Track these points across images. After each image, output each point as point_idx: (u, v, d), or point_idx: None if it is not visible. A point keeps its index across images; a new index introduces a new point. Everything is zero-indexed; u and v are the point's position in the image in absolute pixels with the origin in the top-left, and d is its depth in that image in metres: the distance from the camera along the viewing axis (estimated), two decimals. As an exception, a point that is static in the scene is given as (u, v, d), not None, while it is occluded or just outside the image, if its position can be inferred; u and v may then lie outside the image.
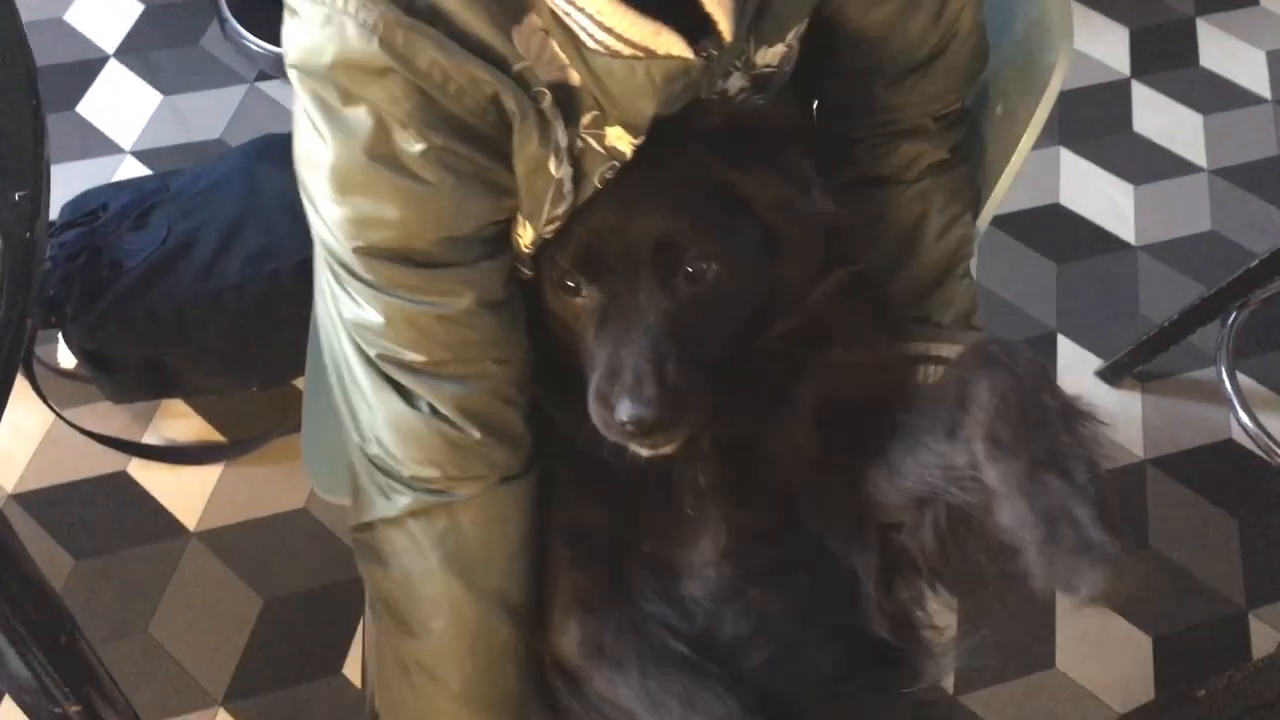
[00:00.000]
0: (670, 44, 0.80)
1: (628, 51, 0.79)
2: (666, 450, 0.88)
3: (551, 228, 0.89)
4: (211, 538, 2.01)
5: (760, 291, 0.91)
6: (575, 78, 0.83)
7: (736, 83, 0.94)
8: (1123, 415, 2.26)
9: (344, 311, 0.93)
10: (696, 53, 0.82)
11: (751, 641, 0.93)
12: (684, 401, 0.83)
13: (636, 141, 0.86)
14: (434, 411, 0.91)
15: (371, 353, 0.93)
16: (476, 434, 0.92)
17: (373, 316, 0.90)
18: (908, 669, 0.97)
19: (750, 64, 0.93)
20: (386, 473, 0.96)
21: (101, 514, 2.02)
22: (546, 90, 0.82)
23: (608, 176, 0.88)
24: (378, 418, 0.94)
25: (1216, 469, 2.21)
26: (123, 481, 2.05)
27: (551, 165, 0.84)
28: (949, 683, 1.94)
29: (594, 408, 0.86)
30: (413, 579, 0.98)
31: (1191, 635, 2.03)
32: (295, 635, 1.94)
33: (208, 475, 2.06)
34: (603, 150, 0.86)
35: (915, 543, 0.90)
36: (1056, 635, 2.02)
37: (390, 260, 0.87)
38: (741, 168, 0.89)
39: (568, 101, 0.84)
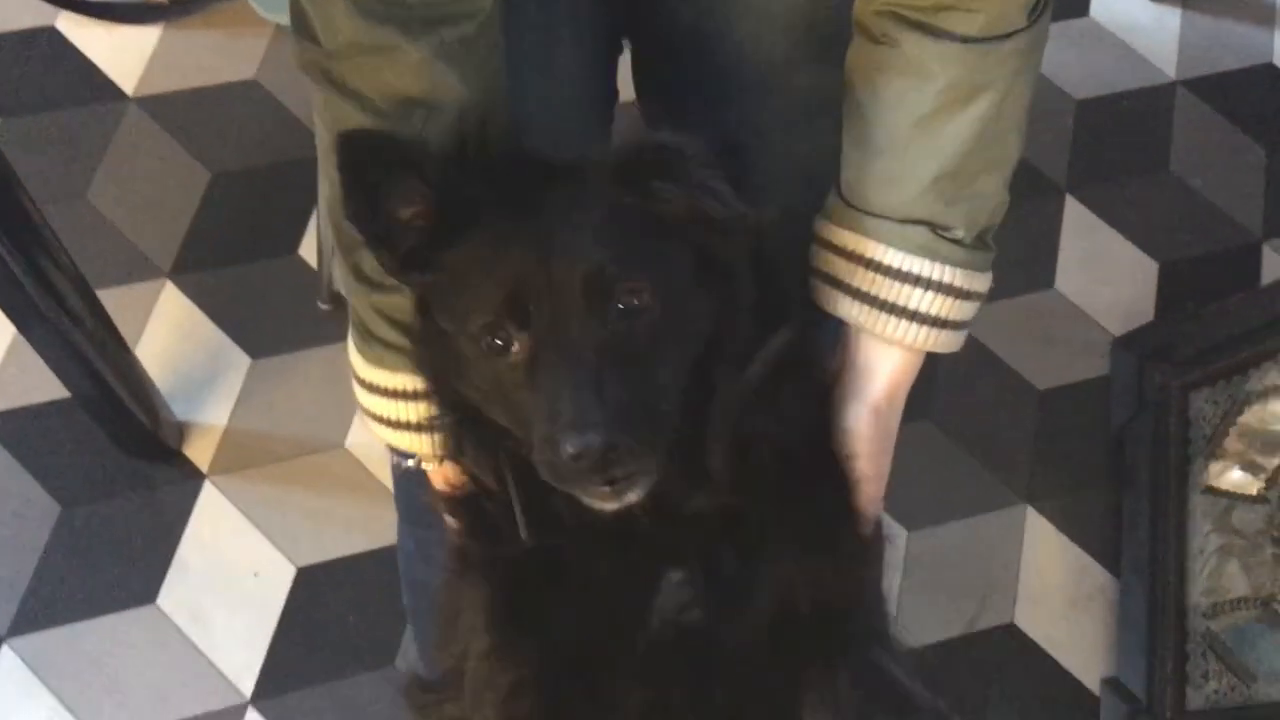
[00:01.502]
0: None
1: None
2: (632, 498, 0.78)
3: None
4: (153, 104, 1.84)
5: (701, 322, 0.82)
6: None
7: None
8: (1159, 31, 2.07)
9: None
10: None
11: None
12: (636, 424, 0.75)
13: None
14: None
15: None
16: None
17: None
18: None
19: None
20: None
21: (29, 72, 1.83)
22: None
23: None
24: None
25: (1251, 94, 2.04)
26: (52, 38, 1.85)
27: None
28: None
29: (542, 459, 0.76)
30: None
31: (1200, 262, 1.92)
32: (246, 213, 1.80)
33: (146, 37, 1.87)
34: None
35: None
36: (1059, 255, 1.91)
37: None
38: (648, 191, 0.80)
39: None
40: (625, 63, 1.11)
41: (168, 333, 1.73)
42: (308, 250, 1.78)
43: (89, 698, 1.54)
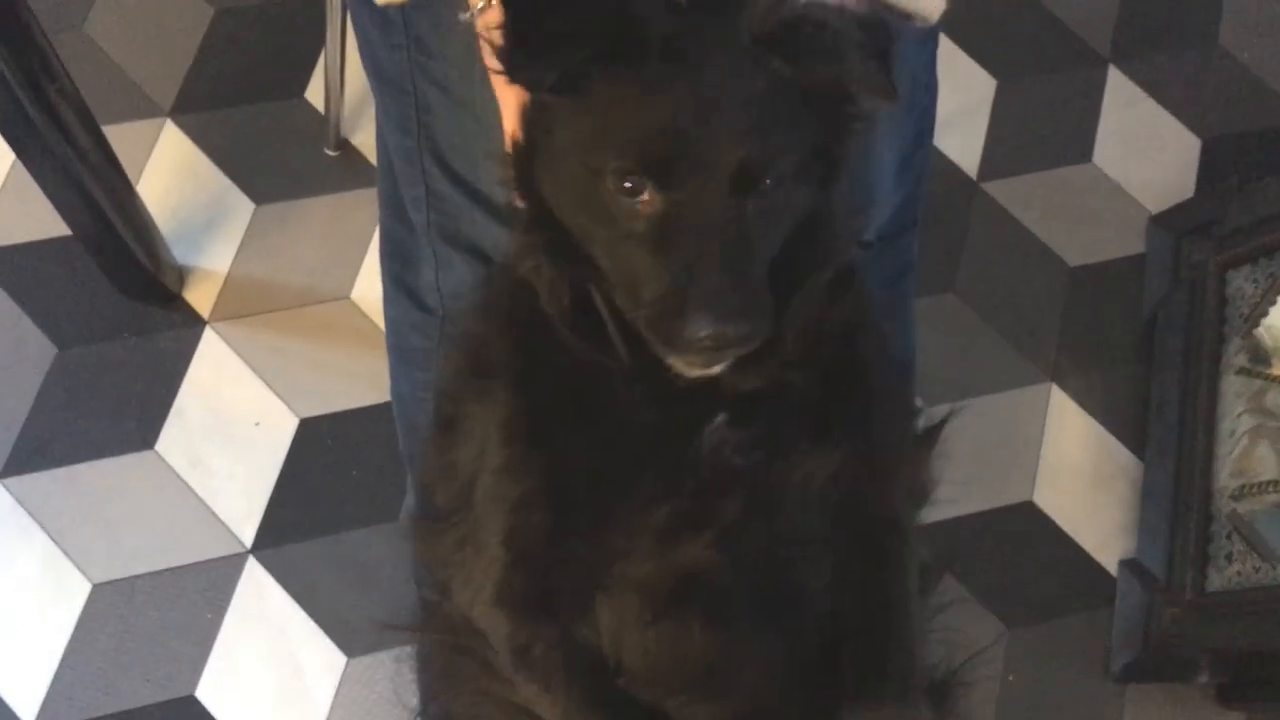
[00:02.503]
0: None
1: None
2: (720, 367, 0.78)
3: None
4: (154, -67, 1.74)
5: (804, 206, 0.80)
6: None
7: None
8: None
9: None
10: None
11: None
12: (762, 312, 0.74)
13: None
14: None
15: None
16: None
17: None
18: None
19: None
20: None
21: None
22: None
23: None
24: None
25: (1309, -34, 1.94)
26: None
27: None
28: (973, 170, 1.77)
29: (649, 316, 0.75)
30: None
31: (1245, 139, 1.84)
32: (251, 51, 1.72)
33: None
34: None
35: None
36: (1099, 128, 1.83)
37: None
38: (801, 64, 0.76)
39: None
40: None
41: (168, 174, 1.66)
42: (314, 94, 1.71)
43: (85, 541, 1.50)
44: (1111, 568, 1.63)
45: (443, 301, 1.03)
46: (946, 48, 1.72)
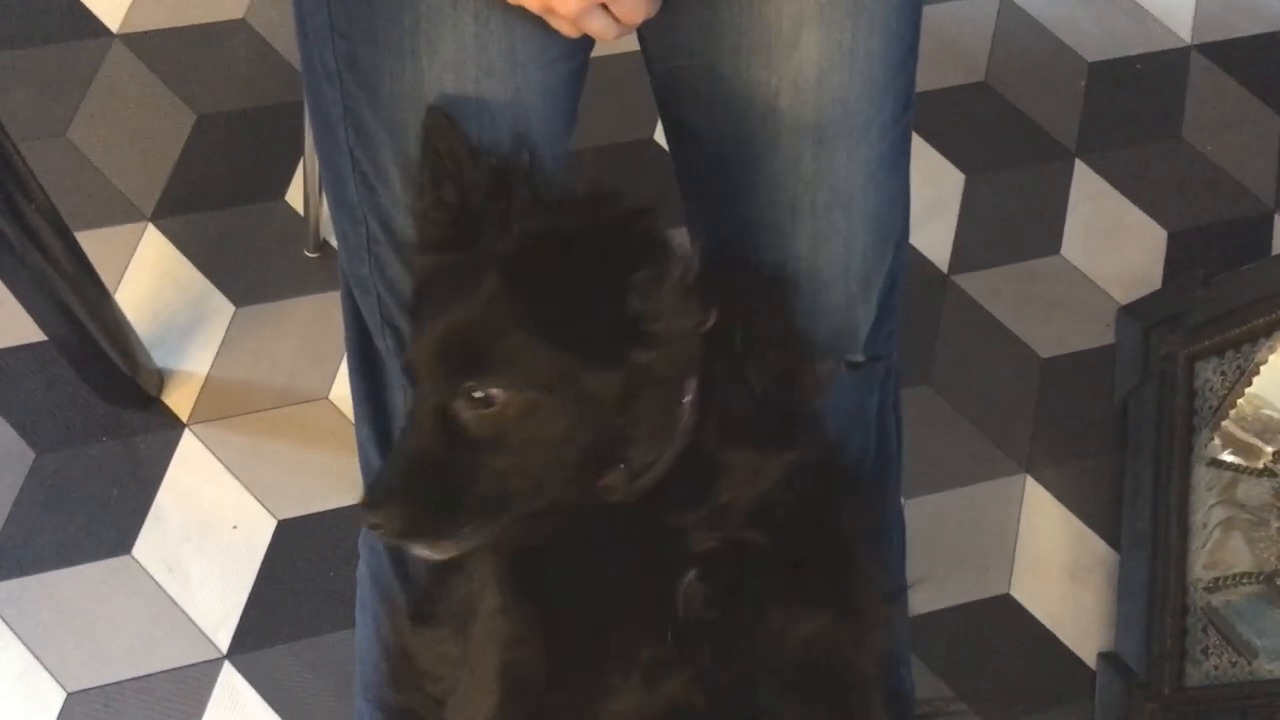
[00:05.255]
0: None
1: None
2: (439, 556, 0.82)
3: None
4: (138, 42, 1.78)
5: (583, 436, 0.80)
6: None
7: None
8: (1174, -7, 2.02)
9: None
10: None
11: None
12: (415, 520, 0.77)
13: None
14: None
15: None
16: None
17: None
18: None
19: None
20: None
21: (9, 5, 1.77)
22: None
23: None
24: None
25: (1267, 61, 1.99)
26: (33, -28, 1.79)
27: None
28: (944, 263, 1.80)
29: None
30: None
31: (1210, 230, 1.87)
32: (232, 156, 1.75)
33: (131, -29, 1.81)
34: None
35: None
36: (1066, 221, 1.86)
37: None
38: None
39: None
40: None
41: (149, 277, 1.68)
42: (294, 196, 1.73)
43: (60, 649, 1.50)
44: (1091, 660, 1.63)
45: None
46: (916, 144, 1.76)
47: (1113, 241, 1.86)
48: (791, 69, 0.93)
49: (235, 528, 1.57)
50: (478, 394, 0.76)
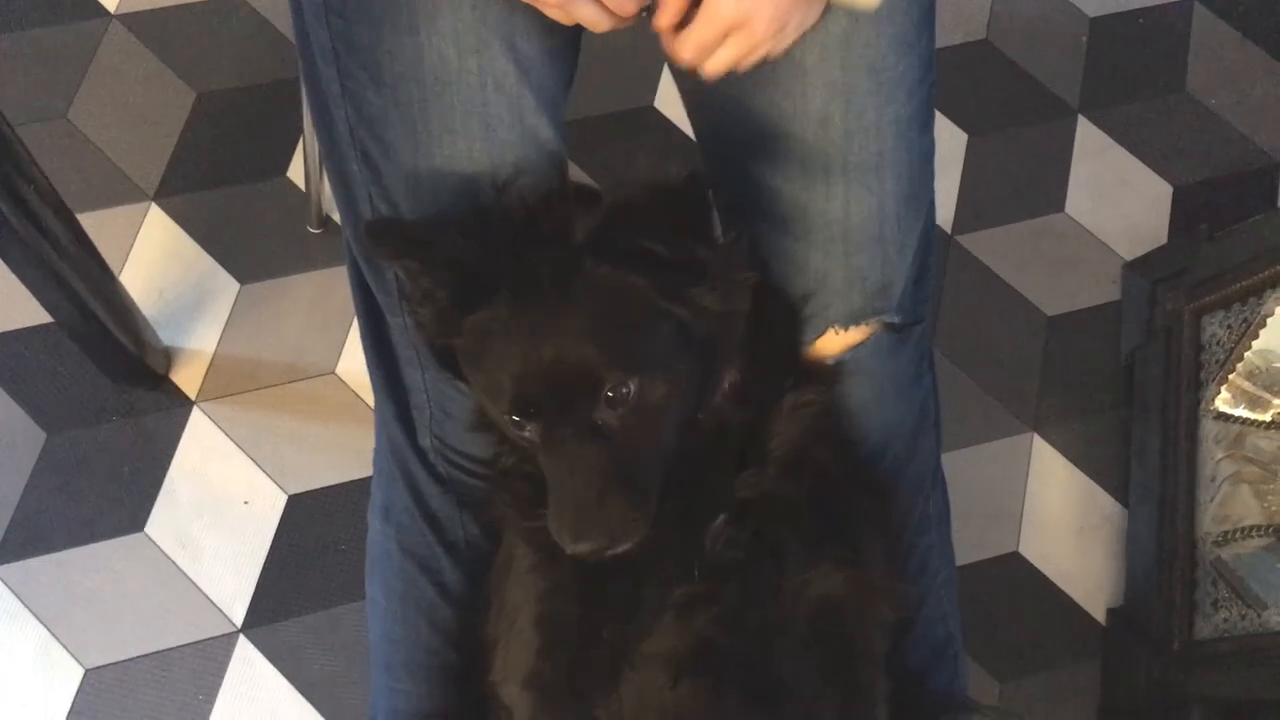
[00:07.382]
0: None
1: None
2: (620, 550, 0.85)
3: None
4: (136, 21, 1.78)
5: (692, 388, 0.88)
6: None
7: None
8: (1177, -56, 2.00)
9: None
10: None
11: None
12: (628, 521, 0.83)
13: None
14: None
15: None
16: None
17: None
18: None
19: None
20: None
21: (6, -13, 1.77)
22: None
23: None
24: None
25: (1269, 12, 1.97)
26: (28, -47, 1.79)
27: None
28: (948, 223, 1.80)
29: (552, 529, 0.85)
30: None
31: (1215, 184, 1.86)
32: (233, 133, 1.75)
33: (128, -48, 1.81)
34: None
35: None
36: (1070, 178, 1.85)
37: None
38: (636, 270, 0.83)
39: None
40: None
41: (153, 257, 1.68)
42: (296, 172, 1.73)
43: (77, 626, 1.51)
44: (1101, 616, 1.63)
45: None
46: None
47: (1117, 197, 1.85)
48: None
49: (246, 503, 1.58)
50: (611, 393, 0.81)
